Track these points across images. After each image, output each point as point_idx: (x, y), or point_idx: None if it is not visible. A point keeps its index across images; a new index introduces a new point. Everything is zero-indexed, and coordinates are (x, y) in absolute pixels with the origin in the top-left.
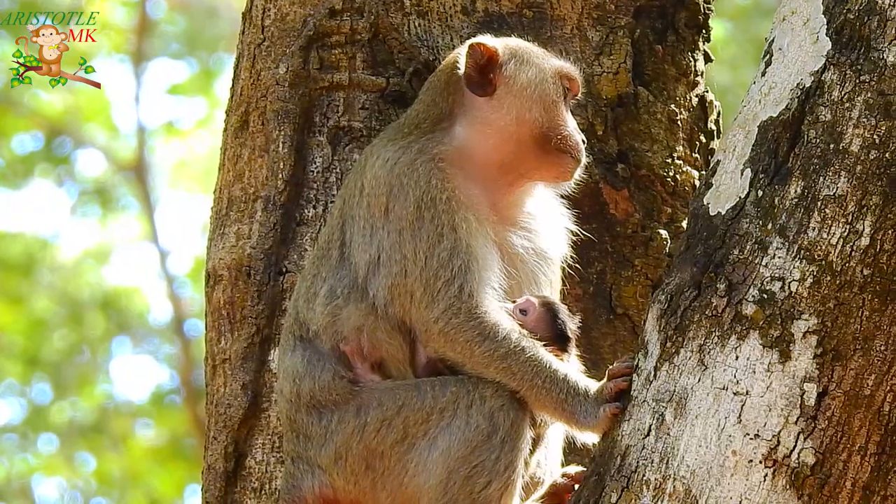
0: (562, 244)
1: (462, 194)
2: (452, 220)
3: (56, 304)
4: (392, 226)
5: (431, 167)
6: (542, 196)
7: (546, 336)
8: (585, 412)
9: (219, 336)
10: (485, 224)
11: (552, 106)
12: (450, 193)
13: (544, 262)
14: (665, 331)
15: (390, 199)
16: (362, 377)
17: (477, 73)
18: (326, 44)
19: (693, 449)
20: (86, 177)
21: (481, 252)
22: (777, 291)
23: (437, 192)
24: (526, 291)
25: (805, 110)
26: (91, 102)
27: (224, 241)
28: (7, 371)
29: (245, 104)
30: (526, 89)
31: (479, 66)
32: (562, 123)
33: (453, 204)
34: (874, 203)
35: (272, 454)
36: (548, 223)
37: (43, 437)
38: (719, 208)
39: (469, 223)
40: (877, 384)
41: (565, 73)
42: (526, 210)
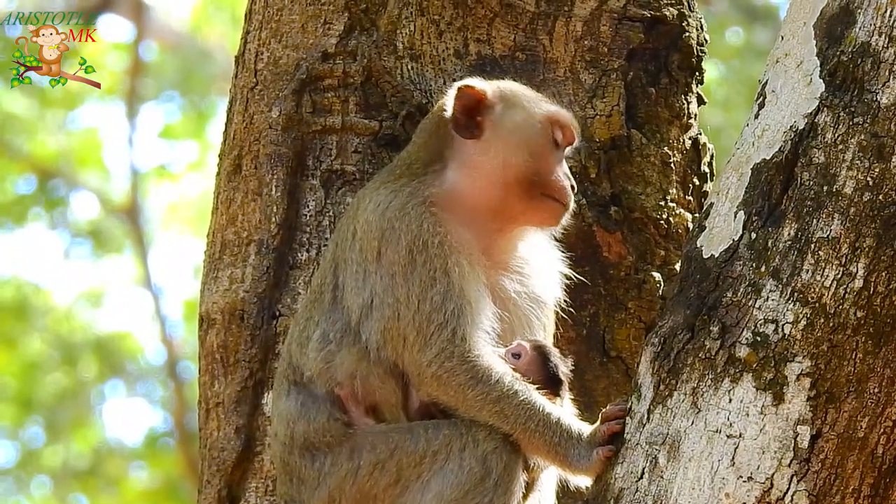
0: (555, 288)
1: (454, 238)
2: (445, 263)
3: (49, 347)
4: (384, 270)
5: (423, 211)
6: (536, 239)
7: (538, 379)
8: (579, 455)
9: (212, 380)
10: (476, 268)
11: (539, 151)
12: (441, 237)
13: (537, 305)
14: (658, 373)
15: (382, 244)
16: (356, 420)
17: (464, 115)
18: (319, 87)
19: (686, 492)
20: (79, 220)
21: (474, 296)
22: (770, 334)
23: (429, 235)
24: (519, 335)
25: (798, 152)
26: (84, 145)
27: (217, 284)
28: (0, 414)
29: (238, 148)
30: (513, 133)
31: (466, 108)
32: (548, 169)
33: (445, 248)
34: (868, 245)
35: (266, 498)
36: (541, 267)
37: (36, 480)
38: (713, 251)
39: (462, 267)
40: (870, 426)
41: (556, 119)
42: (519, 254)
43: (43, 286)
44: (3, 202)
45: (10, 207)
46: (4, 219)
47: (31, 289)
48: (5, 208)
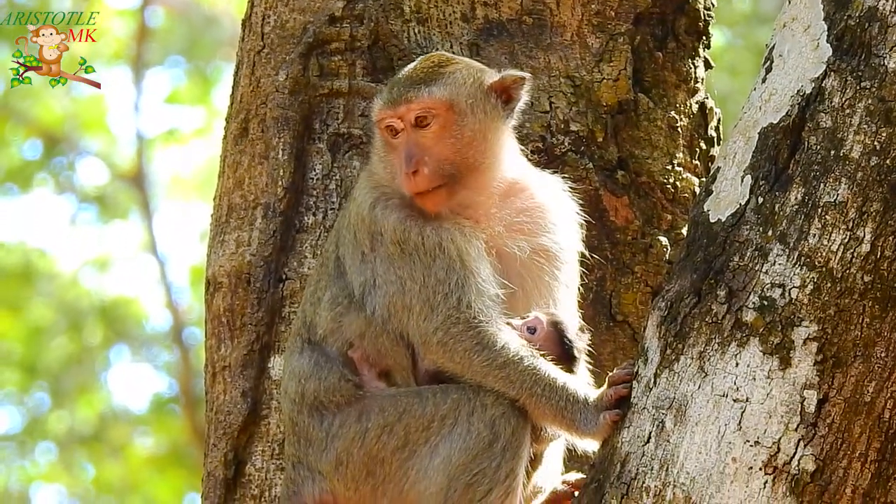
0: (567, 237)
1: (434, 220)
2: (437, 242)
3: (55, 313)
4: (381, 256)
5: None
6: (548, 193)
7: (553, 354)
8: (585, 419)
9: (219, 343)
10: (471, 237)
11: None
12: (418, 228)
13: (547, 258)
14: (665, 338)
15: (373, 241)
16: (368, 383)
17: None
18: (326, 51)
19: (693, 456)
20: (85, 185)
21: (475, 265)
22: (777, 298)
23: (408, 232)
24: (534, 303)
25: (805, 117)
26: (90, 110)
27: (224, 248)
28: (6, 380)
29: (245, 111)
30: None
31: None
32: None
33: (428, 232)
34: (875, 209)
35: (272, 461)
36: (550, 219)
37: (41, 446)
38: (719, 215)
39: (454, 240)
40: (877, 391)
41: (379, 118)
42: (523, 210)
43: (49, 252)
44: (10, 167)
45: (17, 173)
46: (10, 184)
47: (37, 254)
48: (11, 173)
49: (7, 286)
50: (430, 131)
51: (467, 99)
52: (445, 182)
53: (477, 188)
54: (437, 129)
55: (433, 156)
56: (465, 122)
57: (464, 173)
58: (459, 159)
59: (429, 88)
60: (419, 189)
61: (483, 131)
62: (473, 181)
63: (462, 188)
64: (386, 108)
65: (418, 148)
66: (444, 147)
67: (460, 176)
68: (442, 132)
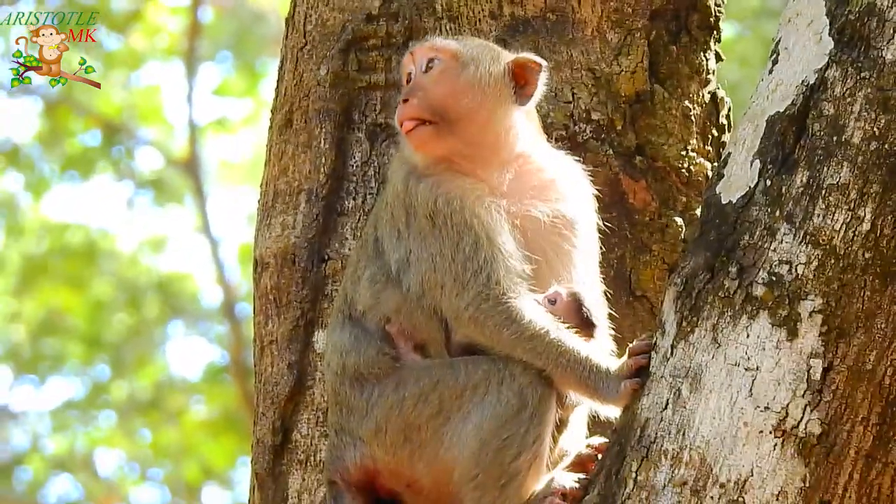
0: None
1: (459, 191)
2: (463, 219)
3: (115, 290)
4: (414, 233)
5: (420, 181)
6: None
7: (574, 323)
8: (607, 388)
9: (266, 319)
10: (493, 210)
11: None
12: (446, 197)
13: (565, 225)
14: (681, 311)
15: (408, 215)
16: (404, 356)
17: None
18: (364, 47)
19: (708, 421)
20: (142, 171)
21: (501, 241)
22: (785, 274)
23: (439, 200)
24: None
25: (809, 105)
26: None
27: (270, 231)
28: (70, 352)
29: (289, 104)
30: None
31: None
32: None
33: (455, 205)
34: (874, 191)
35: (317, 428)
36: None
37: (103, 413)
38: (730, 197)
39: (479, 217)
40: (878, 359)
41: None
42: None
43: (109, 233)
44: (72, 155)
45: (79, 160)
46: (73, 171)
47: (99, 235)
48: (74, 161)
49: (71, 265)
50: (432, 73)
51: (475, 58)
52: (433, 120)
53: (473, 145)
54: (437, 73)
55: (427, 91)
56: (466, 73)
57: (453, 120)
58: (451, 102)
59: (442, 39)
60: (405, 115)
61: (483, 89)
62: (466, 134)
63: (452, 137)
64: (405, 57)
65: (418, 86)
66: (440, 88)
67: (450, 122)
68: (441, 76)
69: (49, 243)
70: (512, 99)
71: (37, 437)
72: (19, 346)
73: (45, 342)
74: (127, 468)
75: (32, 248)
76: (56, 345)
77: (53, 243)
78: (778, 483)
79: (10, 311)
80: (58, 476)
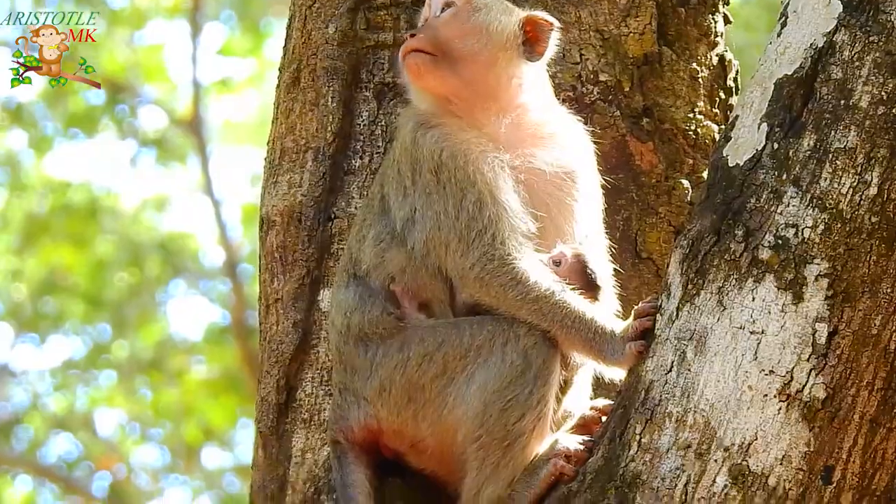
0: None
1: (464, 146)
2: (467, 175)
3: (117, 248)
4: (420, 190)
5: (426, 132)
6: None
7: (578, 284)
8: (612, 349)
9: (272, 277)
10: (495, 164)
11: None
12: (451, 151)
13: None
14: (687, 274)
15: (413, 171)
16: (409, 315)
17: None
18: (372, 5)
19: (712, 384)
20: (145, 130)
21: (505, 198)
22: (791, 237)
23: (444, 153)
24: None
25: (818, 69)
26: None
27: (277, 189)
28: (71, 311)
29: (297, 62)
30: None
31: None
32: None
33: (459, 161)
34: (881, 155)
35: (321, 387)
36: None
37: (104, 373)
38: (737, 160)
39: (482, 172)
40: (883, 324)
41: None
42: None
43: (112, 191)
44: (75, 113)
45: (82, 118)
46: (76, 129)
47: (102, 194)
48: (77, 119)
49: (73, 223)
50: (444, 15)
51: (488, 5)
52: (435, 53)
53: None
54: (449, 15)
55: (435, 29)
56: (476, 17)
57: (456, 58)
58: (456, 40)
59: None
60: (409, 47)
61: (490, 35)
62: (465, 72)
63: (451, 74)
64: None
65: (428, 25)
66: (449, 27)
67: (451, 59)
68: (452, 17)
69: (51, 202)
70: (520, 52)
71: (37, 395)
72: (20, 304)
73: (47, 301)
74: (127, 428)
75: (35, 207)
76: (57, 303)
77: (56, 201)
78: (782, 447)
79: (12, 269)
80: (58, 435)
